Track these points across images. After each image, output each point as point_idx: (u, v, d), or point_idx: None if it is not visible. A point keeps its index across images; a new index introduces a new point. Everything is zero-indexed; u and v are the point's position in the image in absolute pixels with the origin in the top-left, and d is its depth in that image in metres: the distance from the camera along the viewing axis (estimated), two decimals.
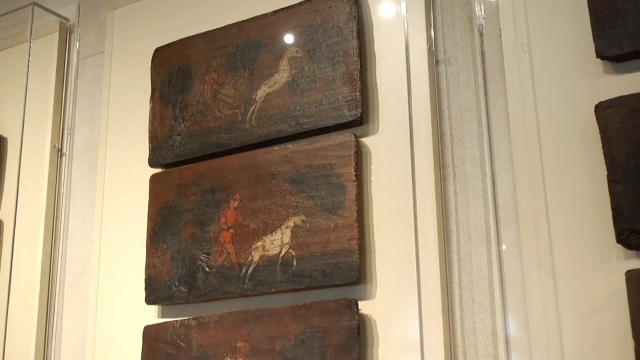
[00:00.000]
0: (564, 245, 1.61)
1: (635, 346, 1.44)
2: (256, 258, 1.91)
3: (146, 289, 2.07)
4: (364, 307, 1.77)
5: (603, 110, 1.58)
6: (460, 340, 1.70)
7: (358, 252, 1.78)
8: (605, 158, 1.56)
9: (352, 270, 1.77)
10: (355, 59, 1.90)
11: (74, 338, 2.25)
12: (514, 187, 1.71)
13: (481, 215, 1.75)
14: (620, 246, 1.53)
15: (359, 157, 1.86)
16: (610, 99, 1.58)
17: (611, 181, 1.54)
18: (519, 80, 1.74)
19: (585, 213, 1.60)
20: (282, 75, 2.02)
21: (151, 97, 2.24)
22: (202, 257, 1.99)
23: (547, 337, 1.58)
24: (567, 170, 1.64)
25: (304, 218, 1.87)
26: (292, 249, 1.87)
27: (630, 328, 1.47)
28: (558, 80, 1.70)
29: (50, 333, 2.29)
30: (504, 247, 1.70)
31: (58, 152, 2.46)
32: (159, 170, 2.18)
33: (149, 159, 2.19)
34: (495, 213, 1.73)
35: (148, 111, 2.23)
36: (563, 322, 1.58)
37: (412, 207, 1.79)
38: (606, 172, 1.55)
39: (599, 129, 1.58)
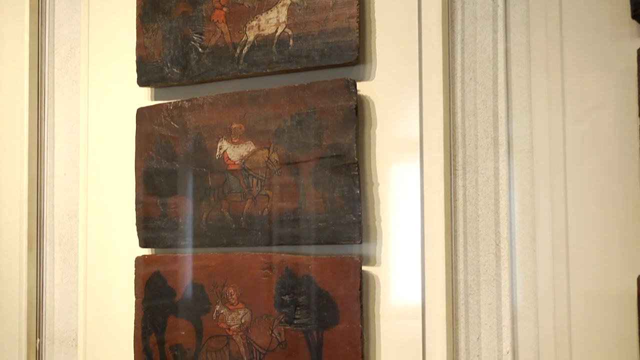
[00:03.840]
0: (575, 21, 1.52)
1: None
2: (251, 38, 1.83)
3: (138, 70, 2.00)
4: (362, 88, 1.71)
5: None
6: (460, 121, 1.66)
7: (357, 31, 1.69)
8: None
9: (350, 50, 1.70)
10: None
11: (67, 121, 2.22)
12: None
13: None
14: (634, 22, 1.45)
15: None
16: None
17: None
18: None
19: None
20: None
21: None
22: (195, 37, 1.91)
23: (550, 120, 1.54)
24: None
25: None
26: (289, 28, 1.78)
27: (637, 108, 1.43)
28: None
29: (42, 117, 2.25)
30: (511, 25, 1.62)
31: None
32: None
33: None
34: None
35: None
36: (567, 105, 1.53)
37: None
38: None
39: None
